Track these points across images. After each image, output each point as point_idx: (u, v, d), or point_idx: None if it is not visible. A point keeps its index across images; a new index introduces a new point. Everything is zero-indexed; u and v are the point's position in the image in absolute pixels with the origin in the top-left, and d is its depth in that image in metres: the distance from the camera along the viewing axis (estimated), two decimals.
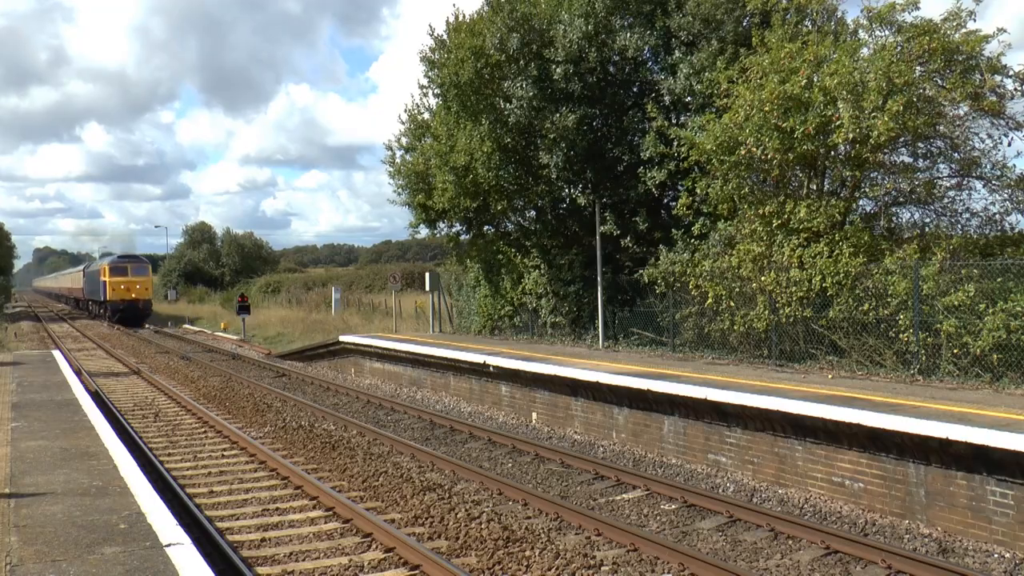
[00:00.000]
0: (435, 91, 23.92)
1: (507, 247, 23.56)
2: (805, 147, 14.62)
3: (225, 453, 13.28)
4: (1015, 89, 14.21)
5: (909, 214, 15.87)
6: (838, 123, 13.86)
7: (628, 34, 19.71)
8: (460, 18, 22.35)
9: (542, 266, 22.02)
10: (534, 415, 16.02)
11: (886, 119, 13.27)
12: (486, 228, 24.65)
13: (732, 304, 15.60)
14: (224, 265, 79.54)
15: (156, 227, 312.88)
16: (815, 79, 14.50)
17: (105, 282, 50.13)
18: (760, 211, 15.31)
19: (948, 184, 15.29)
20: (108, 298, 49.87)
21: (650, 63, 21.05)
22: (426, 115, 25.35)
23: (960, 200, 15.25)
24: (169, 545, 6.34)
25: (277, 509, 10.00)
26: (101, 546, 6.36)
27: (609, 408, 13.98)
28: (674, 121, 18.86)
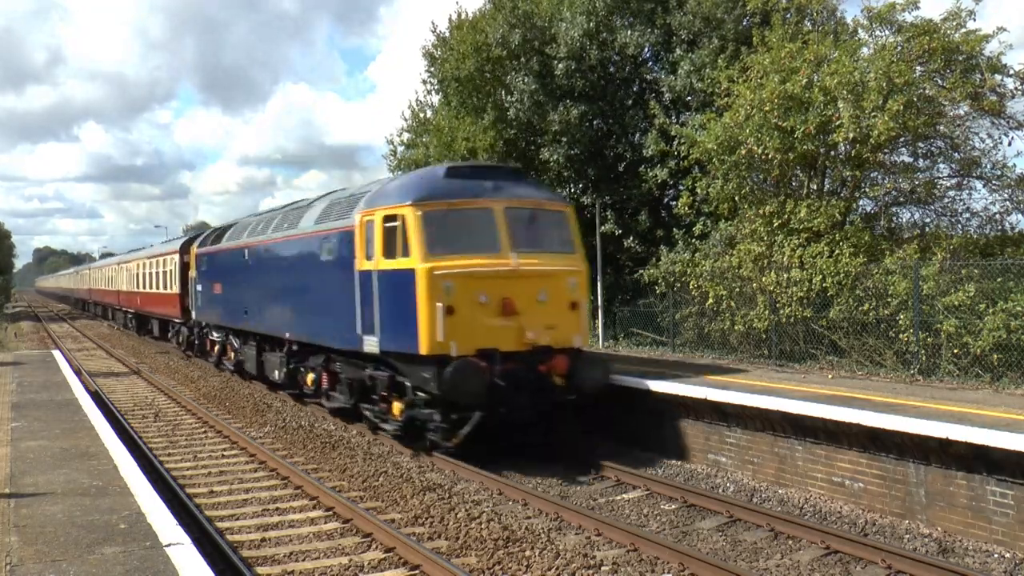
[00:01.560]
0: (436, 87, 23.96)
1: None
2: (805, 147, 14.63)
3: (225, 453, 13.27)
4: (1015, 89, 14.23)
5: (909, 214, 15.89)
6: (838, 123, 13.87)
7: (629, 32, 19.74)
8: (462, 15, 22.40)
9: None
10: None
11: (886, 119, 13.28)
12: None
13: (732, 304, 15.60)
14: None
15: (156, 227, 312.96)
16: (815, 79, 14.51)
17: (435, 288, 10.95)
18: (760, 211, 15.31)
19: (948, 184, 15.31)
20: (432, 348, 10.96)
21: (651, 61, 21.09)
22: (428, 112, 25.39)
23: (960, 200, 15.28)
24: (169, 545, 6.34)
25: (277, 509, 9.99)
26: (101, 546, 6.36)
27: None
28: (675, 119, 18.89)
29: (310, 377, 15.54)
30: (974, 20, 14.14)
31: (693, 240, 17.47)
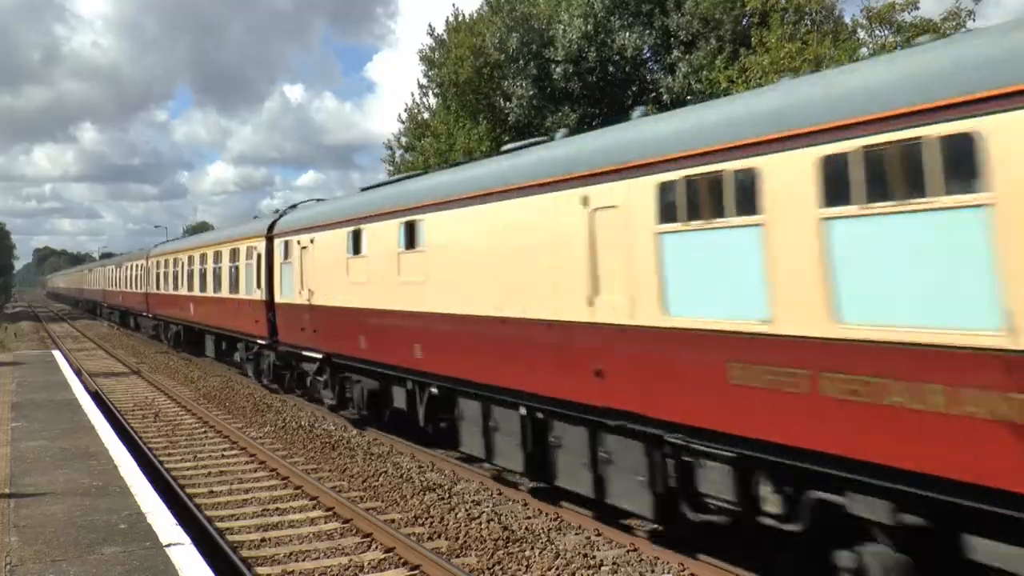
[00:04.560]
0: (434, 90, 24.01)
1: None
2: None
3: (225, 453, 13.28)
4: None
5: None
6: None
7: (627, 33, 19.78)
8: (460, 18, 22.46)
9: None
10: None
11: None
12: None
13: None
14: None
15: (156, 227, 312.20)
16: None
17: None
18: None
19: None
20: None
21: (649, 62, 21.14)
22: (426, 115, 25.42)
23: None
24: (169, 545, 6.36)
25: (277, 509, 10.00)
26: (101, 546, 6.37)
27: None
28: None
29: None
30: (974, 20, 14.17)
31: None
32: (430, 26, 23.22)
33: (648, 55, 20.91)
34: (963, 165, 5.00)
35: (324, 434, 14.46)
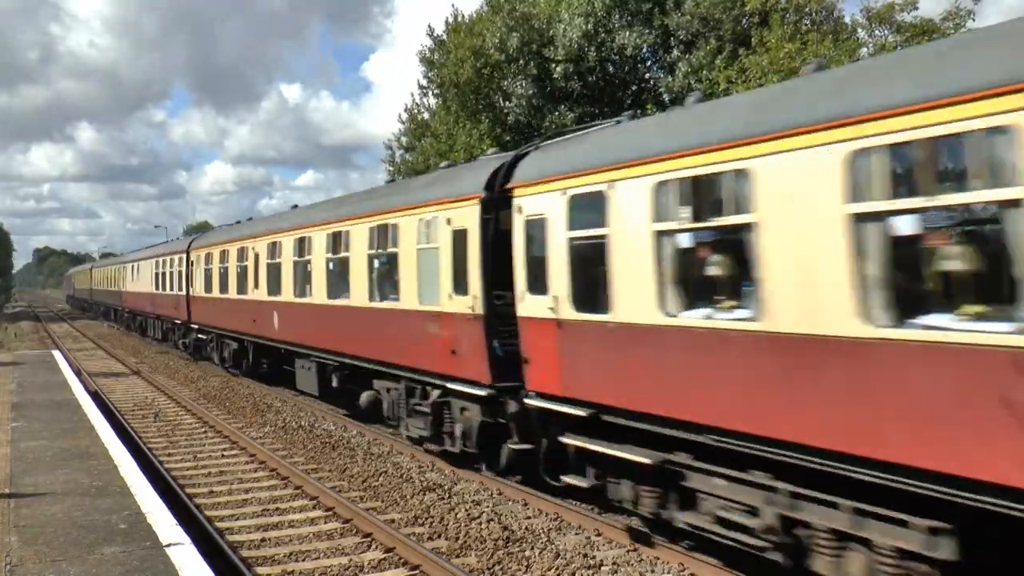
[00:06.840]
0: (434, 91, 24.03)
1: None
2: None
3: (225, 453, 13.28)
4: None
5: None
6: None
7: (627, 33, 19.80)
8: (459, 18, 22.49)
9: None
10: None
11: None
12: None
13: None
14: None
15: (156, 227, 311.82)
16: None
17: None
18: None
19: None
20: None
21: (649, 62, 21.17)
22: (425, 115, 25.43)
23: None
24: (169, 545, 6.36)
25: (277, 509, 10.00)
26: (101, 546, 6.37)
27: None
28: None
29: None
30: (974, 20, 14.18)
31: None
32: (430, 27, 23.27)
33: (648, 55, 20.95)
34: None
35: (324, 434, 14.45)
